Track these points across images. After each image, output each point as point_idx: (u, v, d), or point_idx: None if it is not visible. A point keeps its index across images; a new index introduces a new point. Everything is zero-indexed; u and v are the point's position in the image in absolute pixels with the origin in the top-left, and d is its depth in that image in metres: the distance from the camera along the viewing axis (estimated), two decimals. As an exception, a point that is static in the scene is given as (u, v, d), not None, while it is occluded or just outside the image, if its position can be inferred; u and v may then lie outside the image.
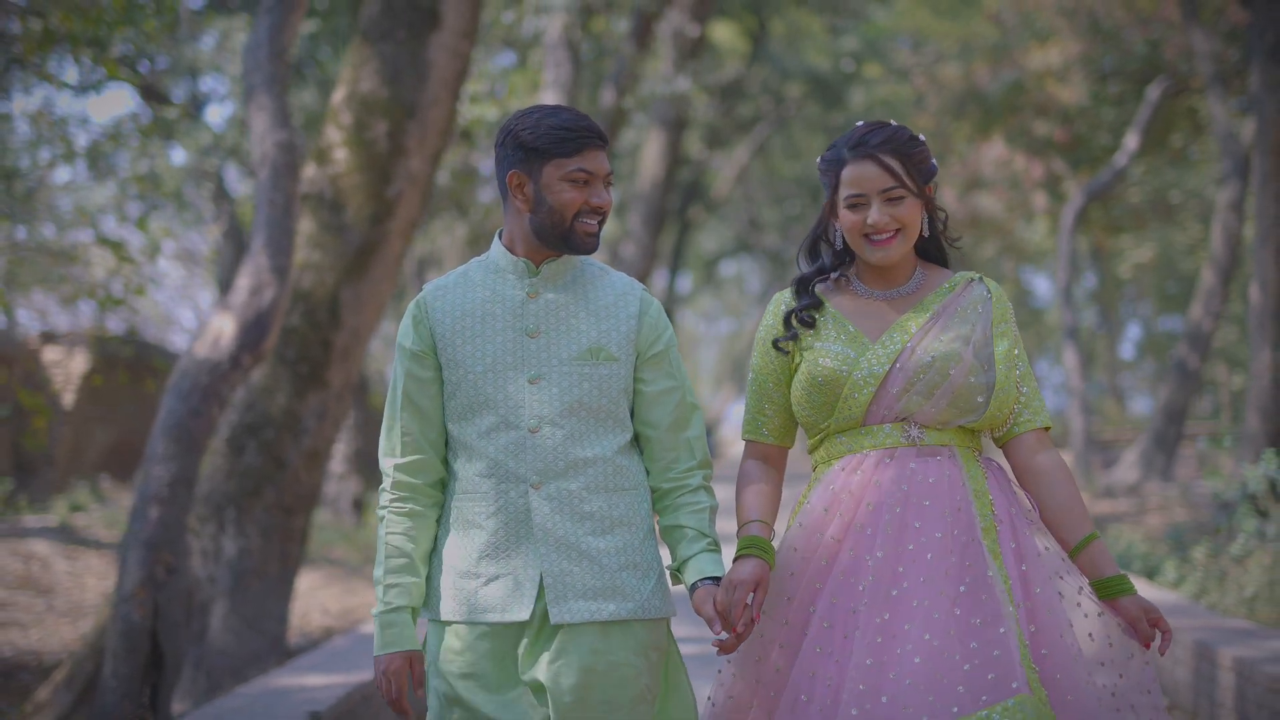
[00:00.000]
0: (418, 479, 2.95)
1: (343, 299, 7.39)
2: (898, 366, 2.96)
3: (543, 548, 2.87)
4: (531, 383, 2.90)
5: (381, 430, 3.01)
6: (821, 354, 3.00)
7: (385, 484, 2.98)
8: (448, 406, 2.95)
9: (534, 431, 2.89)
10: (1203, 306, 16.18)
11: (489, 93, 14.25)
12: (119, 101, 57.53)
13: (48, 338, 14.33)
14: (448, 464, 2.99)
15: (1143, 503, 14.47)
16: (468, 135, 13.88)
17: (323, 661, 6.22)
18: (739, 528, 3.01)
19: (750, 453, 3.12)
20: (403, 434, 2.96)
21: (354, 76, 7.56)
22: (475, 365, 2.92)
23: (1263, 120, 10.47)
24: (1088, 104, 18.30)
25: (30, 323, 14.79)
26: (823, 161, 3.07)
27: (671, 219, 26.69)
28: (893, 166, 2.97)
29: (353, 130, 7.48)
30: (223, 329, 6.18)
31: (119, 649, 5.70)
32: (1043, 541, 2.95)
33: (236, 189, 16.88)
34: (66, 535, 11.12)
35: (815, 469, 3.08)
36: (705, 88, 20.90)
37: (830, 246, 3.14)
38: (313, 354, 7.35)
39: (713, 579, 2.89)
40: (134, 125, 12.50)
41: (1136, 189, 20.76)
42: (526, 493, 2.88)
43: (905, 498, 2.91)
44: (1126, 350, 37.17)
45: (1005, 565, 2.87)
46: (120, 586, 5.79)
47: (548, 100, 13.93)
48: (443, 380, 2.96)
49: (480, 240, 15.70)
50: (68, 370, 14.16)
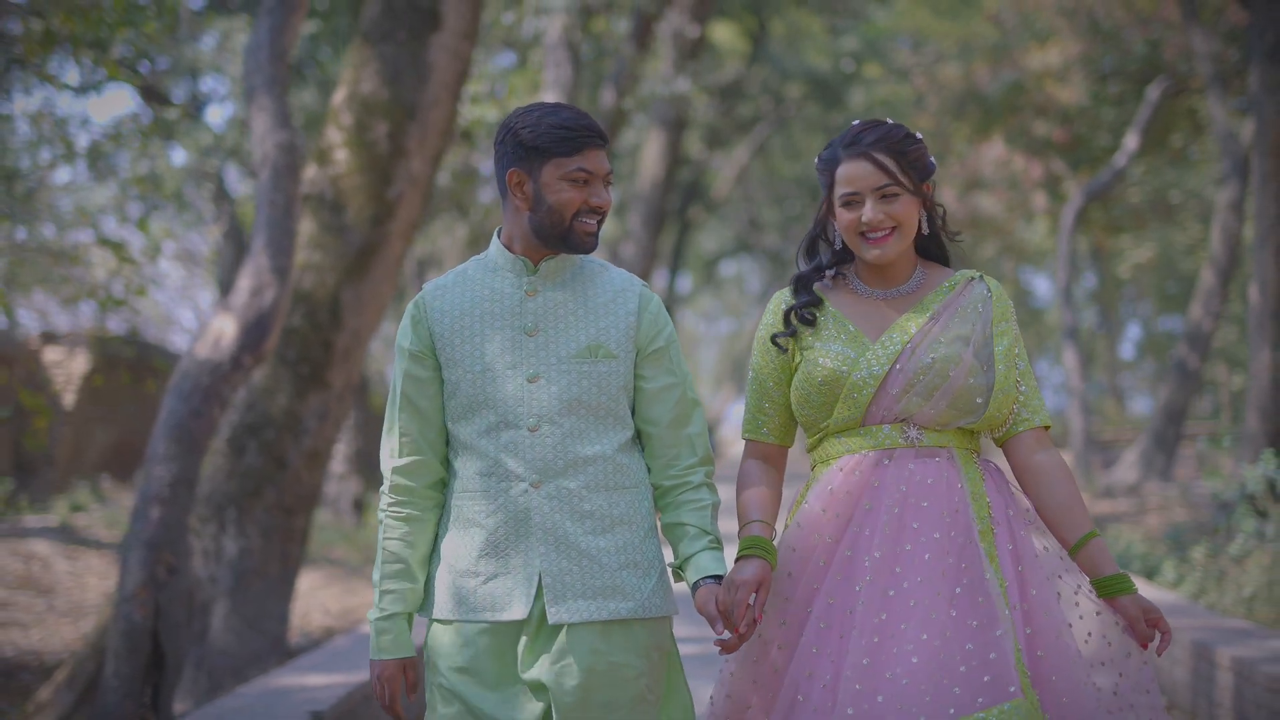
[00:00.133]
0: (415, 481, 2.95)
1: (343, 300, 7.40)
2: (897, 368, 2.96)
3: (542, 547, 2.87)
4: (530, 381, 2.90)
5: (383, 432, 3.02)
6: (821, 353, 3.00)
7: (384, 487, 2.98)
8: (447, 406, 2.95)
9: (533, 430, 2.88)
10: (1202, 306, 16.17)
11: (489, 93, 14.24)
12: (119, 102, 57.55)
13: (48, 338, 14.33)
14: (449, 463, 2.99)
15: (1142, 503, 14.46)
16: (468, 136, 13.87)
17: (323, 661, 6.22)
18: (740, 527, 3.01)
19: (750, 452, 3.11)
20: (401, 435, 2.95)
21: (355, 77, 7.57)
22: (474, 364, 2.91)
23: (1262, 120, 10.46)
24: (1087, 104, 18.29)
25: (31, 323, 14.78)
26: (819, 161, 3.07)
27: (671, 219, 26.68)
28: (886, 164, 2.97)
29: (353, 131, 7.49)
30: (224, 330, 6.19)
31: (120, 649, 5.70)
32: (1041, 541, 2.95)
33: (237, 190, 16.88)
34: (67, 535, 11.13)
35: (813, 469, 3.07)
36: (705, 88, 20.87)
37: (829, 246, 3.15)
38: (313, 355, 7.36)
39: (714, 577, 2.88)
40: (134, 126, 12.49)
41: (1136, 189, 20.75)
42: (526, 491, 2.87)
43: (903, 499, 2.91)
44: (1126, 350, 37.17)
45: (1002, 567, 2.88)
46: (121, 586, 5.79)
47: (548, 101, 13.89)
48: (442, 380, 2.95)
49: (480, 241, 15.70)
50: (68, 371, 14.16)
